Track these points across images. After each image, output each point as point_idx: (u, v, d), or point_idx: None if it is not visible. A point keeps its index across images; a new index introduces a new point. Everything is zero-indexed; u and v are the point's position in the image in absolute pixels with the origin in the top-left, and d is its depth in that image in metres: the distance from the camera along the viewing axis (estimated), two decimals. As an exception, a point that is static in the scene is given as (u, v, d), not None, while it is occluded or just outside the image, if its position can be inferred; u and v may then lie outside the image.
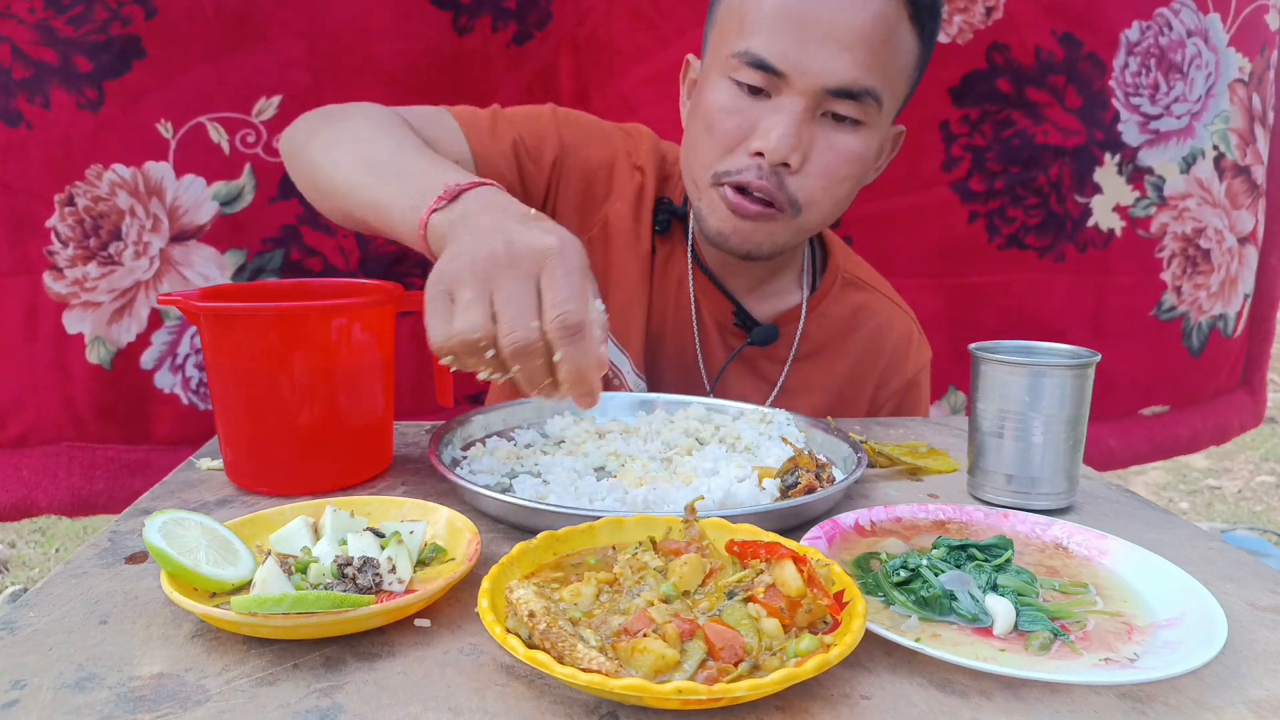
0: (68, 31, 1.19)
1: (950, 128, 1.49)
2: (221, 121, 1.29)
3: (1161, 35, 1.48)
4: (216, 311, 0.78)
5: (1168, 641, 0.55)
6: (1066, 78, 1.47)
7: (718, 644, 0.48)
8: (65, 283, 1.27)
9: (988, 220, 1.53)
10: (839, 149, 0.97)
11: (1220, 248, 1.60)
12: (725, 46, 0.97)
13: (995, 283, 1.56)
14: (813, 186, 0.98)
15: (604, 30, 1.39)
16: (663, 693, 0.45)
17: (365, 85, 1.32)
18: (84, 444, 1.32)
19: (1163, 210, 1.55)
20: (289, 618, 0.52)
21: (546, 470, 0.82)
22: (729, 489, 0.75)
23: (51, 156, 1.23)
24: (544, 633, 0.48)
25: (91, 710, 0.48)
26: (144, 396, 1.34)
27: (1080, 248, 1.55)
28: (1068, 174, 1.51)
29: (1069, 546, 0.70)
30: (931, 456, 0.95)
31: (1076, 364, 0.79)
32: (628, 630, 0.49)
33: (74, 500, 1.31)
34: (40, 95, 1.20)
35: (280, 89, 1.30)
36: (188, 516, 0.62)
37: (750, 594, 0.52)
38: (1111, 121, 1.50)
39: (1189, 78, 1.50)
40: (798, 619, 0.52)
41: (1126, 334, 1.61)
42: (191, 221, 1.30)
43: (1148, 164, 1.53)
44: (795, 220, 1.00)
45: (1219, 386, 1.73)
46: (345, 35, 1.30)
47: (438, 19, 1.32)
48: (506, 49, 1.36)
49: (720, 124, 0.98)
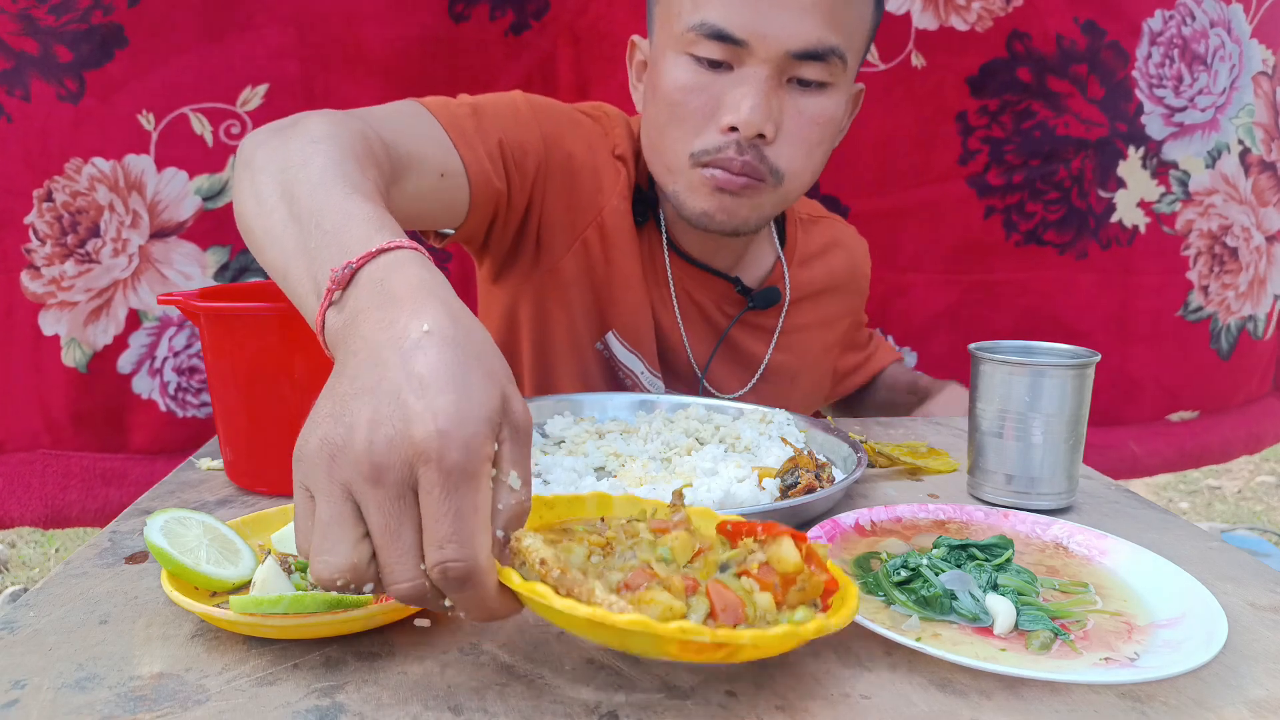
0: (49, 21, 1.15)
1: (968, 119, 1.44)
2: (205, 112, 1.24)
3: (1185, 25, 1.43)
4: (217, 311, 0.78)
5: (1168, 641, 0.55)
6: (1089, 67, 1.42)
7: (719, 604, 0.47)
8: (42, 282, 1.23)
9: (1005, 216, 1.49)
10: (810, 114, 0.96)
11: (1248, 246, 1.55)
12: (677, 22, 0.94)
13: (1012, 280, 1.51)
14: (792, 154, 0.96)
15: (605, 22, 1.36)
16: (666, 631, 0.43)
17: (357, 74, 1.28)
18: (58, 452, 1.28)
19: (1189, 206, 1.50)
20: (288, 618, 0.52)
21: (546, 470, 0.82)
22: (729, 489, 0.75)
23: (31, 151, 1.19)
24: (558, 579, 0.46)
25: (91, 710, 0.48)
26: (120, 402, 1.29)
27: (1104, 245, 1.50)
28: (1090, 167, 1.46)
29: (1069, 546, 0.70)
30: (931, 456, 0.95)
31: (1076, 364, 0.79)
32: (628, 585, 0.47)
33: (46, 512, 1.26)
34: (20, 87, 1.17)
35: (267, 78, 1.25)
36: (190, 515, 0.62)
37: (743, 569, 0.51)
38: (1135, 113, 1.45)
39: (1212, 69, 1.46)
40: (790, 597, 0.50)
41: (1153, 336, 1.55)
42: (172, 217, 1.26)
43: (1173, 158, 1.48)
44: (778, 190, 0.99)
45: (1250, 392, 1.66)
46: (336, 22, 1.26)
47: (433, 5, 1.29)
48: (504, 38, 1.33)
49: (685, 103, 0.95)
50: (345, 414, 0.47)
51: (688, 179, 0.99)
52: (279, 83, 1.26)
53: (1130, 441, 1.59)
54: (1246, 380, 1.64)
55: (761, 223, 1.03)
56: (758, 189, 0.98)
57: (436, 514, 0.45)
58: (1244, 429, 1.65)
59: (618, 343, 1.11)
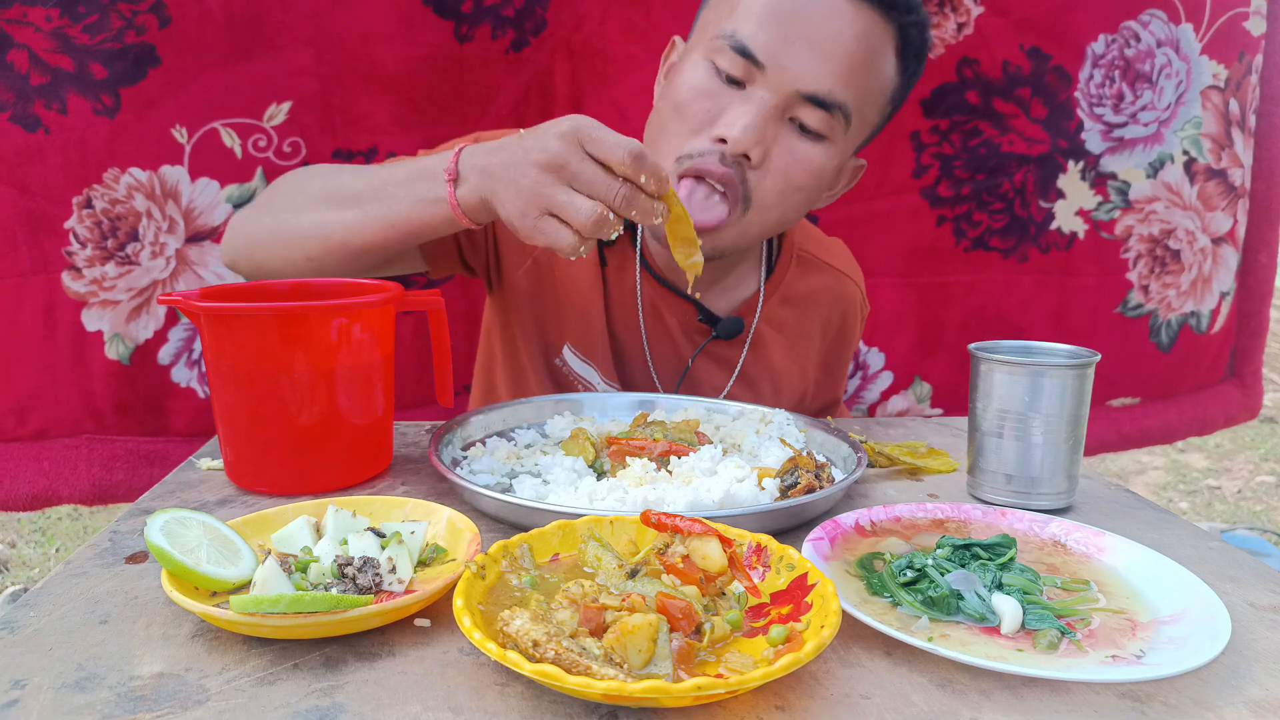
0: (84, 40, 1.23)
1: (921, 137, 1.57)
2: (234, 127, 1.33)
3: (1128, 47, 1.56)
4: (217, 311, 0.78)
5: (1172, 638, 0.55)
6: (1033, 90, 1.56)
7: (675, 614, 0.51)
8: (84, 282, 1.31)
9: (955, 224, 1.63)
10: (798, 156, 0.97)
11: (1191, 248, 1.69)
12: (713, 27, 0.97)
13: (962, 282, 1.66)
14: (769, 186, 0.97)
15: (598, 39, 1.44)
16: (681, 691, 0.45)
17: (371, 91, 1.37)
18: (103, 436, 1.37)
19: (1128, 213, 1.65)
20: (287, 617, 0.52)
21: (546, 470, 0.82)
22: (729, 489, 0.75)
23: (69, 161, 1.27)
24: (555, 659, 0.48)
25: (92, 710, 0.48)
26: (161, 391, 1.38)
27: (1043, 249, 1.65)
28: (1032, 180, 1.61)
29: (1067, 544, 0.70)
30: (931, 456, 0.95)
31: (1076, 364, 0.79)
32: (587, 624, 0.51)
33: (94, 489, 1.35)
34: (58, 101, 1.24)
35: (290, 95, 1.34)
36: (190, 515, 0.62)
37: (667, 563, 0.56)
38: (1075, 130, 1.59)
39: (1158, 86, 1.59)
40: (710, 590, 0.56)
41: (1090, 330, 1.70)
42: (206, 223, 1.35)
43: (1110, 170, 1.62)
44: (741, 221, 0.99)
45: (1199, 380, 1.80)
46: (351, 43, 1.34)
47: (441, 27, 1.37)
48: (505, 55, 1.41)
49: (690, 104, 0.97)
50: (527, 170, 0.78)
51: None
52: (300, 99, 1.35)
53: None
54: (1193, 370, 1.78)
55: (719, 252, 1.02)
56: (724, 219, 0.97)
57: (604, 142, 0.76)
58: (1189, 414, 1.80)
59: (573, 355, 1.14)
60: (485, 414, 0.98)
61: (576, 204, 0.77)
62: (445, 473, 0.77)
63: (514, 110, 1.43)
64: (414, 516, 0.68)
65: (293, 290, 0.92)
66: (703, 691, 0.45)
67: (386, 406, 0.87)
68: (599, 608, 0.51)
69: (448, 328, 0.92)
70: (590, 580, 0.57)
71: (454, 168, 0.85)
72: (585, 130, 0.77)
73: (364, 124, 1.37)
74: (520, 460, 0.88)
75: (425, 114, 1.39)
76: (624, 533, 0.64)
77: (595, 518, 0.64)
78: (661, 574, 0.56)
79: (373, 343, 0.83)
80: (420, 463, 0.91)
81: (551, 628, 0.50)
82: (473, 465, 0.86)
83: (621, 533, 0.64)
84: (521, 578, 0.58)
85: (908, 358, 1.69)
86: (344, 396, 0.81)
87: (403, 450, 0.95)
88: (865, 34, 0.93)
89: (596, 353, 1.13)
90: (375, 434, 0.86)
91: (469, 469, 0.85)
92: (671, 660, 0.49)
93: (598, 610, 0.51)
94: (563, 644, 0.49)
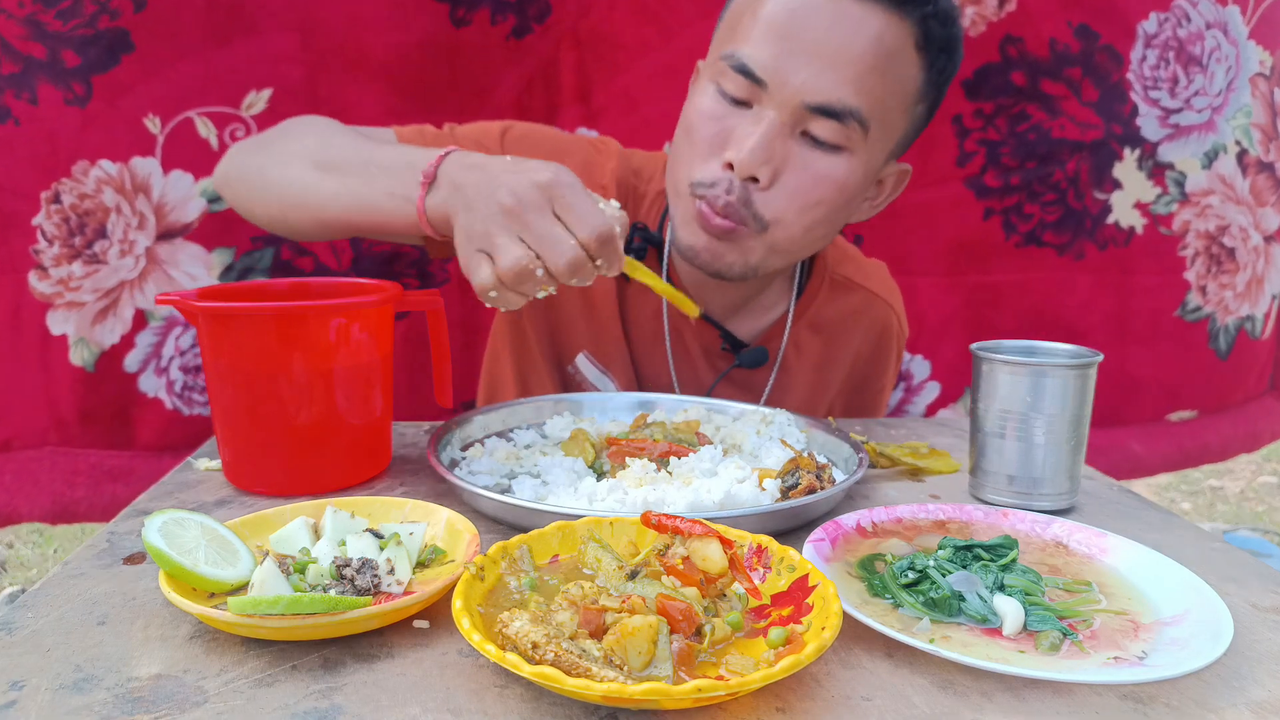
0: (56, 26, 1.17)
1: (964, 121, 1.45)
2: (210, 116, 1.26)
3: (1180, 27, 1.44)
4: (215, 311, 0.78)
5: (1174, 639, 0.55)
6: (1083, 70, 1.43)
7: (676, 616, 0.51)
8: (50, 282, 1.24)
9: (1004, 217, 1.49)
10: (813, 170, 0.93)
11: (1245, 246, 1.56)
12: (719, 49, 0.96)
13: (1014, 281, 1.52)
14: (781, 205, 0.94)
15: (607, 24, 1.36)
16: (681, 693, 0.45)
17: (359, 79, 1.29)
18: (66, 449, 1.30)
19: (1185, 207, 1.51)
20: (285, 619, 0.52)
21: (546, 470, 0.82)
22: (729, 490, 0.74)
23: (38, 154, 1.21)
24: (555, 661, 0.48)
25: (90, 711, 0.48)
26: (127, 400, 1.31)
27: (1100, 245, 1.51)
28: (1086, 169, 1.47)
29: (1069, 545, 0.70)
30: (933, 457, 0.94)
31: (1078, 364, 0.79)
32: (586, 626, 0.51)
33: (54, 507, 1.28)
34: (28, 91, 1.18)
35: (271, 82, 1.27)
36: (188, 516, 0.61)
37: (668, 565, 0.56)
38: (1130, 115, 1.46)
39: (1209, 71, 1.46)
40: (711, 591, 0.56)
41: (1151, 336, 1.56)
42: (178, 219, 1.28)
43: (1168, 159, 1.49)
44: (763, 238, 0.96)
45: (1248, 391, 1.68)
46: (339, 27, 1.27)
47: (435, 10, 1.30)
48: (505, 42, 1.33)
49: (699, 130, 0.95)
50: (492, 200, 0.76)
51: (685, 206, 0.98)
52: (283, 87, 1.27)
53: (1132, 442, 1.60)
54: (1244, 379, 1.65)
55: (749, 271, 1.00)
56: (737, 234, 0.95)
57: (576, 207, 0.75)
58: (1242, 428, 1.66)
59: (589, 363, 1.12)
60: (484, 414, 0.98)
61: (508, 248, 0.75)
62: (444, 473, 0.77)
63: (515, 102, 1.36)
64: (413, 517, 0.68)
65: (291, 290, 0.92)
66: (703, 693, 0.45)
67: (385, 407, 0.87)
68: (599, 609, 0.51)
69: (446, 328, 0.92)
70: (590, 582, 0.56)
71: (433, 171, 0.82)
72: (560, 190, 0.75)
73: (351, 114, 1.25)
74: (519, 461, 0.88)
75: (417, 104, 1.31)
76: (624, 534, 0.64)
77: (595, 519, 0.64)
78: (662, 575, 0.56)
79: (371, 343, 0.83)
80: (419, 463, 0.91)
81: (551, 629, 0.50)
82: (472, 466, 0.86)
83: (621, 534, 0.64)
84: (521, 579, 0.58)
85: (956, 366, 1.57)
86: (342, 397, 0.81)
87: (402, 450, 0.95)
88: (876, 36, 0.89)
89: (615, 364, 1.12)
90: (374, 434, 0.86)
91: (468, 470, 0.85)
92: (672, 662, 0.49)
93: (597, 612, 0.51)
94: (562, 646, 0.48)
